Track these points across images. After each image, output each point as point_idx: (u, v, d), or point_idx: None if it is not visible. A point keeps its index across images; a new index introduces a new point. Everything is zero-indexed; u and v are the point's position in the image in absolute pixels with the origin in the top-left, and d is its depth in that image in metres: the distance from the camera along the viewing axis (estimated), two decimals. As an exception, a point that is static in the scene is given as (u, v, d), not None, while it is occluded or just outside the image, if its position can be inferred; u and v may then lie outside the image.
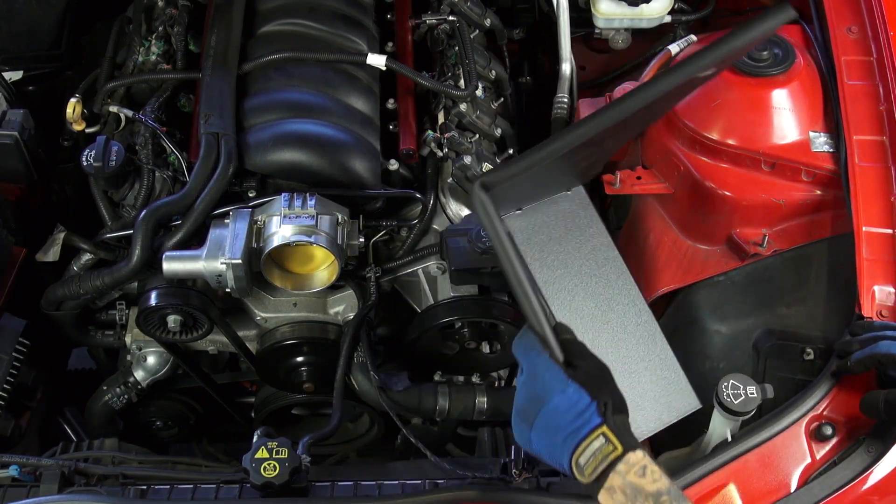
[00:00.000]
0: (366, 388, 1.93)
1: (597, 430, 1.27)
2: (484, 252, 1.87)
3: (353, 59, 2.19)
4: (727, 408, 1.60)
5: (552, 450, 1.32)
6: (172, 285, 1.92)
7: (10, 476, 1.62)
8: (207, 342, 2.10)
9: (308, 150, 2.00)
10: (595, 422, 1.28)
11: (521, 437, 1.38)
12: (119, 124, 2.13)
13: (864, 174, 1.88)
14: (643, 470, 1.26)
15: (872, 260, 1.78)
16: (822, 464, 1.61)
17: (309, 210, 1.89)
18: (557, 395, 1.31)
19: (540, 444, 1.34)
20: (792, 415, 1.64)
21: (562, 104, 2.33)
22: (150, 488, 1.63)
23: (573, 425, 1.29)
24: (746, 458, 1.60)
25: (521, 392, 1.37)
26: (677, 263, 2.13)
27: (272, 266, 1.94)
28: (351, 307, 2.03)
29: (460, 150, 2.09)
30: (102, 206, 2.05)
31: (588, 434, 1.27)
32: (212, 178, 1.94)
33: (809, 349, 1.86)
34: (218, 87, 2.09)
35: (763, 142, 2.01)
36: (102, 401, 2.20)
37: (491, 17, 2.41)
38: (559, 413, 1.30)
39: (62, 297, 1.99)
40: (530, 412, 1.34)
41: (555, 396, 1.31)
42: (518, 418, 1.37)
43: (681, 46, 2.29)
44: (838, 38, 2.07)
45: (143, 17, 2.30)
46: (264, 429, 1.70)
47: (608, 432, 1.27)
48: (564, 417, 1.30)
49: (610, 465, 1.25)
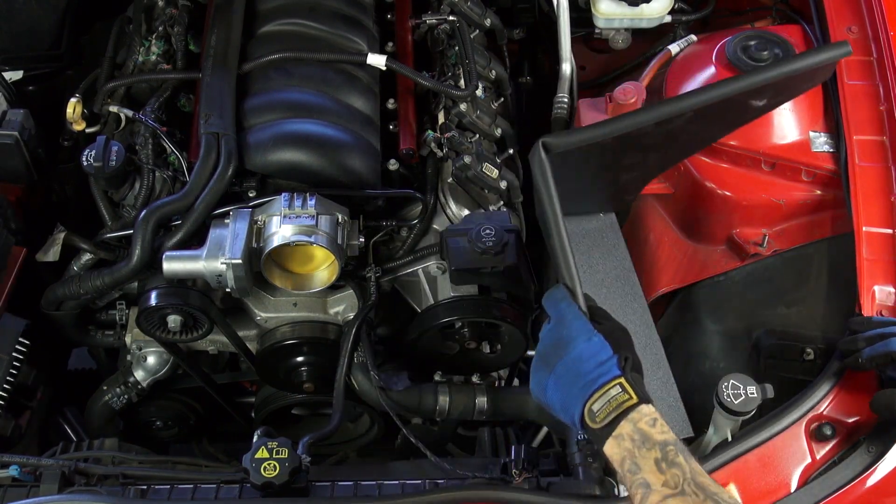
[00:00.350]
0: (366, 388, 1.93)
1: (615, 381, 1.33)
2: (484, 252, 1.87)
3: (353, 59, 2.19)
4: (727, 408, 1.61)
5: (567, 396, 1.37)
6: (172, 285, 1.92)
7: (10, 476, 1.61)
8: (207, 342, 2.10)
9: (308, 150, 2.00)
10: (614, 372, 1.34)
11: (538, 384, 1.43)
12: (119, 124, 2.13)
13: (864, 174, 1.88)
14: (654, 421, 1.31)
15: (872, 260, 1.78)
16: (822, 464, 1.61)
17: (309, 210, 1.89)
18: (582, 342, 1.37)
19: (556, 390, 1.39)
20: (792, 415, 1.64)
21: (562, 104, 2.33)
22: (150, 488, 1.63)
23: (593, 373, 1.35)
24: (746, 458, 1.60)
25: (547, 337, 1.44)
26: (677, 263, 2.14)
27: (272, 266, 1.94)
28: (351, 307, 2.03)
29: (460, 150, 2.08)
30: (102, 206, 2.05)
31: (606, 383, 1.33)
32: (212, 178, 1.94)
33: (809, 349, 1.86)
34: (218, 87, 2.09)
35: (763, 142, 2.02)
36: (102, 401, 2.20)
37: (491, 17, 2.41)
38: (581, 360, 1.36)
39: (62, 297, 1.99)
40: (552, 357, 1.40)
41: (579, 343, 1.38)
42: (539, 363, 1.43)
43: (681, 46, 2.29)
44: (838, 38, 2.07)
45: (143, 17, 2.30)
46: (264, 429, 1.70)
47: (625, 384, 1.33)
48: (586, 365, 1.36)
49: (623, 413, 1.31)
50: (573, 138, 1.51)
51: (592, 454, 1.65)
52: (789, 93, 1.79)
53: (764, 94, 1.64)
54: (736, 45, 2.08)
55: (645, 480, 1.29)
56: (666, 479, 1.27)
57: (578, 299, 1.43)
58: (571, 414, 1.37)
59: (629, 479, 1.31)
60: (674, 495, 1.26)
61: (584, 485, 1.61)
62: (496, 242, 1.87)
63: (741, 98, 1.62)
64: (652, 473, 1.28)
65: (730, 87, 1.55)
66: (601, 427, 1.32)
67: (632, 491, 1.31)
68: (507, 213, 2.04)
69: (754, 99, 1.65)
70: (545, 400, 1.43)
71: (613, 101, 2.12)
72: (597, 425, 1.33)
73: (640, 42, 2.59)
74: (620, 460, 1.32)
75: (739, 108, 1.70)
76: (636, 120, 1.53)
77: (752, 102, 1.67)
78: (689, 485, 1.27)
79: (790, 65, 1.56)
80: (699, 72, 2.12)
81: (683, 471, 1.28)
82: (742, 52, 2.07)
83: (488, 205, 2.09)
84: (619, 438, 1.31)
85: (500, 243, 1.88)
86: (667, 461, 1.29)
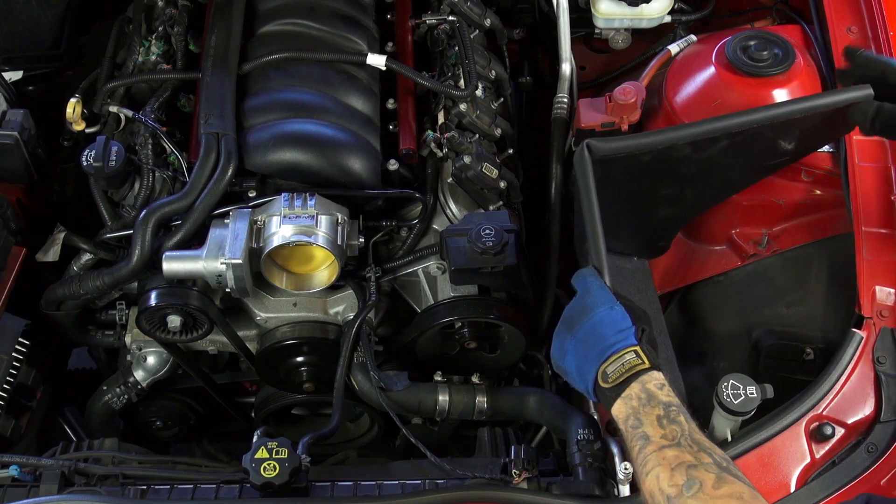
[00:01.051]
0: (366, 388, 1.93)
1: (631, 348, 1.43)
2: (484, 252, 1.87)
3: (353, 59, 2.19)
4: (727, 408, 1.61)
5: (584, 359, 1.47)
6: (172, 285, 1.92)
7: (10, 476, 1.61)
8: (207, 342, 2.10)
9: (308, 150, 2.00)
10: (631, 340, 1.44)
11: (559, 347, 1.54)
12: (119, 124, 2.13)
13: (864, 174, 1.88)
14: (661, 385, 1.41)
15: (872, 260, 1.78)
16: (822, 464, 1.61)
17: (309, 210, 1.89)
18: (605, 310, 1.49)
19: (574, 353, 1.50)
20: (792, 415, 1.64)
21: (562, 104, 2.33)
22: (150, 488, 1.63)
23: (611, 339, 1.45)
24: (746, 458, 1.60)
25: (572, 306, 1.55)
26: (677, 263, 2.14)
27: (272, 266, 1.94)
28: (351, 307, 2.03)
29: (460, 150, 2.08)
30: (102, 206, 2.05)
31: (623, 349, 1.43)
32: (212, 178, 1.94)
33: (809, 349, 1.86)
34: (218, 87, 2.09)
35: (763, 142, 2.01)
36: (102, 401, 2.20)
37: (491, 17, 2.40)
38: (602, 324, 1.47)
39: (62, 297, 1.99)
40: (576, 321, 1.51)
41: (602, 310, 1.49)
42: (562, 326, 1.54)
43: (681, 46, 2.29)
44: (838, 38, 2.07)
45: (143, 18, 2.30)
46: (264, 429, 1.70)
47: (640, 351, 1.43)
48: (606, 329, 1.46)
49: (634, 375, 1.41)
50: (617, 144, 1.68)
51: (592, 454, 1.65)
52: (815, 139, 1.84)
53: (790, 134, 1.74)
54: (736, 45, 2.08)
55: (645, 433, 1.37)
56: (664, 433, 1.35)
57: (605, 278, 1.56)
58: (586, 377, 1.46)
59: (630, 434, 1.39)
60: (669, 446, 1.34)
61: (584, 485, 1.61)
62: (496, 242, 1.87)
63: (770, 135, 1.73)
64: (652, 427, 1.36)
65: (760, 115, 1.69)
66: (612, 387, 1.42)
67: (630, 444, 1.39)
68: (506, 213, 2.04)
69: (782, 139, 1.75)
70: (563, 364, 1.53)
71: (613, 100, 2.12)
72: (608, 385, 1.42)
73: (640, 42, 2.59)
74: (625, 418, 1.40)
75: (769, 146, 1.78)
76: (678, 134, 1.70)
77: (780, 142, 1.77)
78: (685, 439, 1.34)
79: (811, 101, 1.71)
80: (699, 72, 2.12)
81: (682, 427, 1.36)
82: (742, 53, 2.07)
83: (488, 205, 2.09)
84: (628, 398, 1.40)
85: (500, 243, 1.88)
86: (668, 419, 1.37)
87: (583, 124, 2.16)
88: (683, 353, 2.01)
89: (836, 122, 1.76)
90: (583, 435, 1.68)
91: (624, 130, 2.15)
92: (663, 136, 1.71)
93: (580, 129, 2.17)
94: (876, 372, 1.67)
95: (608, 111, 2.14)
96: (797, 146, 1.80)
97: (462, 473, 1.65)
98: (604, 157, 1.68)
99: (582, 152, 1.67)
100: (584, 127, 2.16)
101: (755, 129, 1.70)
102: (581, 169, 1.66)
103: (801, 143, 1.79)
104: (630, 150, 1.70)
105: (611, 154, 1.69)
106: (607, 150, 1.68)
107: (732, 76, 2.06)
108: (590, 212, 1.62)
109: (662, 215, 1.95)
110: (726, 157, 1.77)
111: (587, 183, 1.64)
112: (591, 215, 1.62)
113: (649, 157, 1.72)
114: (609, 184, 1.68)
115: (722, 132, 1.69)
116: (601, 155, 1.68)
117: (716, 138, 1.71)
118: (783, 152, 1.80)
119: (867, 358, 1.68)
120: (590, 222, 1.61)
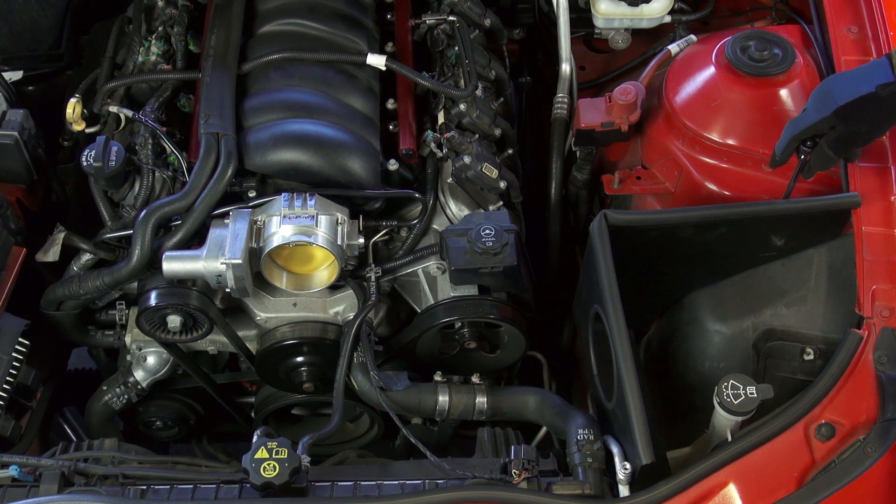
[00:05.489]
0: (366, 388, 1.93)
1: None
2: (484, 252, 1.87)
3: (353, 59, 2.19)
4: (727, 408, 1.60)
5: None
6: (172, 285, 1.92)
7: (10, 476, 1.62)
8: (207, 342, 2.10)
9: (308, 151, 2.00)
10: None
11: None
12: (119, 124, 2.13)
13: (864, 174, 1.88)
14: None
15: (872, 260, 1.78)
16: (822, 464, 1.61)
17: (309, 210, 1.89)
18: None
19: None
20: (792, 415, 1.64)
21: (562, 104, 2.34)
22: (150, 488, 1.63)
23: None
24: (746, 458, 1.60)
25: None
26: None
27: (272, 266, 1.94)
28: (351, 307, 2.03)
29: (460, 150, 2.09)
30: (102, 206, 2.05)
31: None
32: (212, 178, 1.94)
33: (809, 349, 1.86)
34: (218, 87, 2.09)
35: (763, 142, 2.01)
36: (102, 401, 2.20)
37: (491, 17, 2.41)
38: None
39: (62, 297, 1.99)
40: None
41: None
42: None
43: (680, 46, 2.29)
44: (838, 38, 2.07)
45: (143, 17, 2.30)
46: (264, 429, 1.70)
47: None
48: None
49: None
50: (630, 216, 1.80)
51: (592, 454, 1.65)
52: (805, 239, 1.89)
53: (782, 230, 1.85)
54: (735, 46, 2.08)
55: None
56: None
57: (625, 343, 1.63)
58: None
59: None
60: None
61: (584, 485, 1.61)
62: (496, 242, 1.87)
63: (765, 228, 1.85)
64: None
65: (762, 207, 1.83)
66: None
67: None
68: (506, 213, 2.04)
69: (774, 234, 1.86)
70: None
71: (613, 100, 2.12)
72: None
73: (639, 42, 2.59)
74: None
75: (761, 240, 1.88)
76: (687, 214, 1.84)
77: (772, 237, 1.87)
78: None
79: (800, 203, 1.85)
80: (699, 72, 2.12)
81: None
82: (741, 53, 2.07)
83: (488, 205, 2.09)
84: None
85: (500, 243, 1.88)
86: None
87: (582, 124, 2.16)
88: (683, 353, 2.01)
89: (824, 223, 1.86)
90: (583, 435, 1.68)
91: (624, 131, 2.15)
92: (673, 215, 1.86)
93: (580, 128, 2.17)
94: (876, 372, 1.67)
95: (608, 111, 2.14)
96: (787, 244, 1.88)
97: (462, 473, 1.65)
98: (615, 228, 1.77)
99: (601, 221, 1.76)
100: (584, 127, 2.16)
101: (752, 219, 1.82)
102: (599, 237, 1.74)
103: (791, 241, 1.88)
104: (642, 224, 1.80)
105: (623, 225, 1.78)
106: (622, 222, 1.77)
107: (732, 76, 2.06)
108: (608, 278, 1.69)
109: (654, 290, 2.02)
110: (722, 244, 1.87)
111: (605, 251, 1.72)
112: (610, 282, 1.69)
113: (655, 234, 1.83)
114: (613, 254, 1.75)
115: (723, 218, 1.82)
116: (614, 225, 1.76)
117: (716, 224, 1.83)
118: (774, 248, 1.89)
119: (867, 358, 1.68)
120: (608, 289, 1.69)
